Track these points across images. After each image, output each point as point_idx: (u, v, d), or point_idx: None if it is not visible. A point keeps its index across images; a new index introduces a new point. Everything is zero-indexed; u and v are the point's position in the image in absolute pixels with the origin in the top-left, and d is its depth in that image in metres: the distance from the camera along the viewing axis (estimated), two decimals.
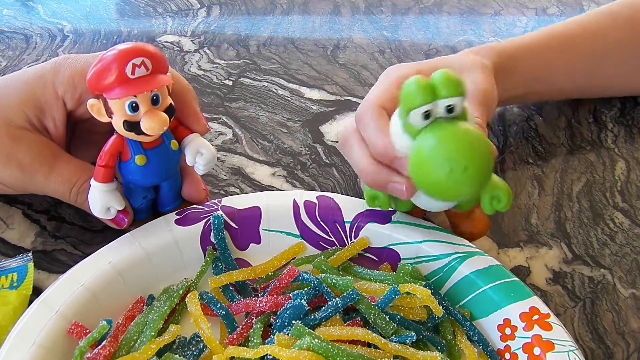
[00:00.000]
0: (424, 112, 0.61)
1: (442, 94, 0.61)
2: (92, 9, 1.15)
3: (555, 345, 0.61)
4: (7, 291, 0.66)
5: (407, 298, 0.65)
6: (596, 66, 0.94)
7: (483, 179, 0.61)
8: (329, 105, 0.97)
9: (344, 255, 0.70)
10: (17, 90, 0.70)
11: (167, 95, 0.65)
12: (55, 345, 0.59)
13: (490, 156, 0.62)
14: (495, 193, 0.65)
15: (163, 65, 0.64)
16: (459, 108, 0.62)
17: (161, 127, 0.63)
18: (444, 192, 0.62)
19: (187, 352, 0.62)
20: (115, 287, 0.65)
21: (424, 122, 0.62)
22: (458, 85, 0.61)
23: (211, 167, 0.70)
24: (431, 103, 0.61)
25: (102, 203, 0.66)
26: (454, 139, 0.60)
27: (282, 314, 0.62)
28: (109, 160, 0.65)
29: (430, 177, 0.61)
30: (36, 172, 0.69)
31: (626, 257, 0.78)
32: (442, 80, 0.61)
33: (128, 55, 0.61)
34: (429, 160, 0.61)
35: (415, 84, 0.61)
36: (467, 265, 0.68)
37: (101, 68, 0.61)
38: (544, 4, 1.24)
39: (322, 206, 0.72)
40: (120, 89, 0.61)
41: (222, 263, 0.69)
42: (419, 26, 1.16)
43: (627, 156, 0.91)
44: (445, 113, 0.61)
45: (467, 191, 0.61)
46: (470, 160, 0.59)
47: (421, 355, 0.60)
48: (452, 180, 0.60)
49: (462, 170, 0.59)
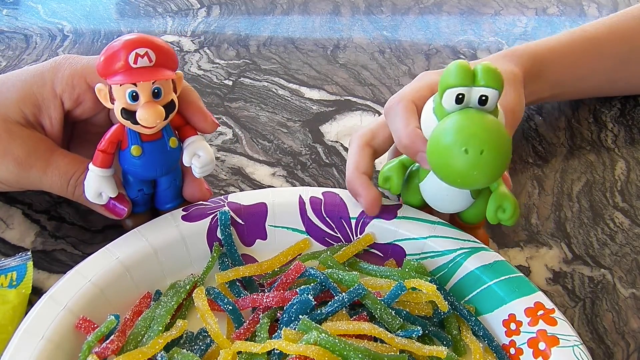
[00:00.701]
0: (457, 95, 0.63)
1: (480, 82, 0.62)
2: (92, 9, 1.15)
3: (560, 340, 0.62)
4: (7, 290, 0.66)
5: (412, 293, 0.65)
6: (619, 68, 0.95)
7: (497, 169, 0.62)
8: (329, 105, 0.97)
9: (350, 251, 0.70)
10: (15, 88, 0.70)
11: (171, 91, 0.66)
12: (64, 340, 0.59)
13: (508, 152, 0.62)
14: (502, 203, 0.66)
15: (170, 60, 0.65)
16: (492, 102, 0.63)
17: (155, 120, 0.64)
18: (457, 175, 0.62)
19: (194, 347, 0.62)
20: (123, 283, 0.65)
21: (455, 106, 0.63)
22: (497, 78, 0.62)
23: (208, 171, 0.70)
24: (467, 87, 0.62)
25: (95, 187, 0.67)
26: (476, 123, 0.61)
27: (289, 308, 0.62)
28: (107, 147, 0.66)
29: (446, 158, 0.62)
30: (32, 166, 0.70)
31: (626, 257, 0.78)
32: (483, 69, 0.62)
33: (133, 44, 0.62)
34: (447, 140, 0.62)
35: (457, 64, 0.63)
36: (472, 261, 0.68)
37: (109, 54, 0.63)
38: (544, 4, 1.25)
39: (328, 202, 0.72)
40: (122, 76, 0.62)
41: (229, 259, 0.69)
42: (419, 26, 1.16)
43: (627, 156, 0.91)
44: (477, 103, 0.63)
45: (480, 177, 0.62)
46: (487, 145, 0.60)
47: (427, 349, 0.60)
48: (467, 162, 0.60)
49: (478, 152, 0.60)
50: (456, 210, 0.72)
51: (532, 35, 1.15)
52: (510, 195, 0.67)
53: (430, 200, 0.71)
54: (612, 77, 0.96)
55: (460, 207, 0.71)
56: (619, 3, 1.26)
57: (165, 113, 0.64)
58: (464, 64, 0.63)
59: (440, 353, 0.60)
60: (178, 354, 0.59)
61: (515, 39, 1.14)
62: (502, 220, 0.67)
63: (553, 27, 1.17)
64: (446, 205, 0.71)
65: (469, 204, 0.70)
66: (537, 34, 1.15)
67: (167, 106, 0.65)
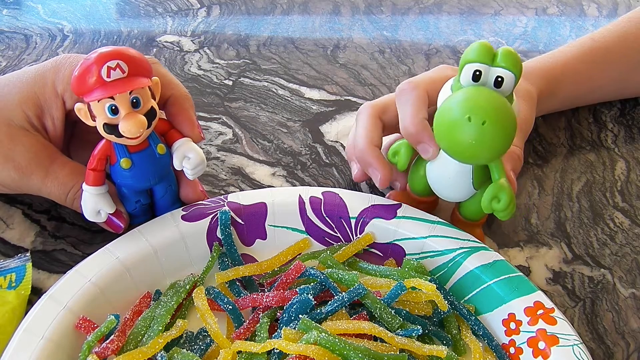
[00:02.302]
0: (475, 71, 0.64)
1: (498, 62, 0.64)
2: (92, 9, 1.15)
3: (560, 340, 0.62)
4: (6, 291, 0.66)
5: (412, 293, 0.65)
6: (630, 75, 0.96)
7: (498, 144, 0.63)
8: (329, 105, 0.97)
9: (350, 250, 0.70)
10: (17, 89, 0.70)
11: (149, 98, 0.65)
12: (64, 340, 0.59)
13: (510, 131, 0.63)
14: (499, 193, 0.67)
15: (142, 68, 0.64)
16: (507, 85, 0.65)
17: (138, 130, 0.63)
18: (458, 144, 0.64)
19: (194, 347, 0.62)
20: (123, 283, 0.65)
21: (472, 82, 0.65)
22: (516, 62, 0.64)
23: (201, 171, 0.70)
24: (485, 66, 0.64)
25: (92, 206, 0.67)
26: (483, 96, 0.63)
27: (288, 308, 0.62)
28: (97, 164, 0.66)
29: (450, 126, 0.63)
30: (32, 174, 0.70)
31: (626, 257, 0.78)
32: (504, 52, 0.64)
33: (103, 58, 0.61)
34: (453, 107, 0.63)
35: (480, 42, 0.65)
36: (472, 261, 0.68)
37: (81, 71, 0.62)
38: (544, 4, 1.25)
39: (328, 202, 0.72)
40: (97, 91, 0.62)
41: (229, 258, 0.70)
42: (419, 26, 1.16)
43: (627, 156, 0.91)
44: (493, 85, 0.64)
45: (479, 148, 0.63)
46: (490, 118, 0.61)
47: (427, 349, 0.60)
48: (468, 131, 0.62)
49: (480, 122, 0.61)
50: (457, 198, 0.72)
51: (532, 35, 1.15)
52: (509, 189, 0.67)
53: (434, 185, 0.72)
54: (623, 84, 0.97)
55: (462, 196, 0.72)
56: (619, 3, 1.26)
57: (147, 121, 0.64)
58: (486, 43, 0.65)
59: (440, 352, 0.60)
60: (178, 354, 0.60)
61: (515, 39, 1.14)
62: (495, 211, 0.68)
63: (553, 27, 1.17)
64: (448, 192, 0.72)
65: (470, 194, 0.71)
66: (537, 34, 1.15)
67: (147, 114, 0.64)
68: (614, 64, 0.93)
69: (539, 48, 1.12)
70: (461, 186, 0.70)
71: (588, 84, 0.93)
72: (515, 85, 0.65)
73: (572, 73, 0.90)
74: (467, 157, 0.65)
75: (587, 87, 0.94)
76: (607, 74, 0.94)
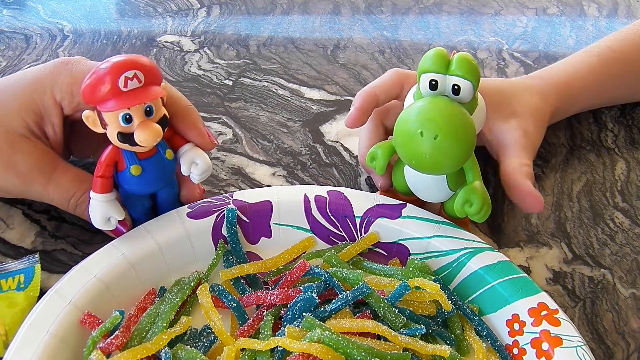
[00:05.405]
0: (430, 80, 0.64)
1: (453, 70, 0.64)
2: (92, 9, 1.15)
3: (564, 341, 0.62)
4: (15, 292, 0.66)
5: (416, 293, 0.65)
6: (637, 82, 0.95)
7: (453, 157, 0.64)
8: (329, 105, 0.97)
9: (354, 249, 0.70)
10: (16, 96, 0.70)
11: (161, 106, 0.65)
12: (68, 335, 0.60)
13: (466, 142, 0.64)
14: (470, 197, 0.67)
15: (156, 77, 0.64)
16: (465, 93, 0.64)
17: (154, 139, 0.64)
18: (413, 157, 0.65)
19: (198, 344, 0.62)
20: (128, 279, 0.65)
21: (429, 91, 0.65)
22: (471, 69, 0.64)
23: (206, 176, 0.70)
24: (440, 74, 0.64)
25: (102, 214, 0.66)
26: (436, 108, 0.63)
27: (292, 306, 0.62)
28: (105, 171, 0.66)
29: (405, 139, 0.64)
30: (34, 181, 0.69)
31: (626, 257, 0.78)
32: (458, 59, 0.64)
33: (120, 68, 0.61)
34: (407, 121, 0.64)
35: (434, 51, 0.65)
36: (476, 261, 0.68)
37: (94, 81, 0.61)
38: (544, 4, 1.25)
39: (333, 201, 0.73)
40: (114, 102, 0.61)
41: (233, 256, 0.70)
42: (419, 26, 1.16)
43: (627, 156, 0.91)
44: (451, 92, 0.64)
45: (433, 162, 0.64)
46: (441, 131, 0.62)
47: (430, 348, 0.61)
48: (421, 145, 0.63)
49: (432, 137, 0.62)
50: (437, 199, 0.73)
51: (532, 35, 1.15)
52: (482, 191, 0.68)
53: (412, 186, 0.72)
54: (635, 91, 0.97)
55: (440, 197, 0.72)
56: (619, 3, 1.26)
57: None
58: (441, 51, 0.65)
59: (444, 352, 0.60)
60: (182, 351, 0.60)
61: (515, 39, 1.14)
62: (468, 214, 0.68)
63: (553, 27, 1.18)
64: (425, 194, 0.72)
65: (447, 195, 0.71)
66: (537, 34, 1.15)
67: (160, 122, 0.65)
68: (632, 75, 0.93)
69: (539, 48, 1.12)
70: (437, 188, 0.70)
71: (603, 96, 0.94)
72: (475, 91, 0.65)
73: (589, 89, 0.90)
74: (426, 169, 0.66)
75: (601, 100, 0.95)
76: (623, 86, 0.94)
